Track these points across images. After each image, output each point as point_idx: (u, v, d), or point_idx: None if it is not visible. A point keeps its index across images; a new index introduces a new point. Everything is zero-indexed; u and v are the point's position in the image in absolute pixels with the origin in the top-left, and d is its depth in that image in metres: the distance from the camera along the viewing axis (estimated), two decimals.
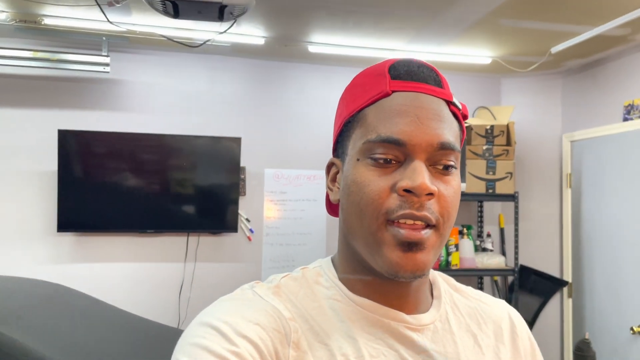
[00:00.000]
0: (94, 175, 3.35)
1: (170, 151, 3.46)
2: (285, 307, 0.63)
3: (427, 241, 0.60)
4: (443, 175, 0.62)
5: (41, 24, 2.98)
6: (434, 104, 0.63)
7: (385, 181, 0.61)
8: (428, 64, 0.68)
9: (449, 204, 0.62)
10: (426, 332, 0.66)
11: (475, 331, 0.71)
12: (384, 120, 0.62)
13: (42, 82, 3.36)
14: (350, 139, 0.66)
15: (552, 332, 3.83)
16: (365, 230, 0.62)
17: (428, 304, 0.71)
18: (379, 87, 0.64)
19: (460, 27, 2.95)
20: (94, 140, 3.32)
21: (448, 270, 3.43)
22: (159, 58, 3.52)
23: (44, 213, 3.33)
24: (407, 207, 0.59)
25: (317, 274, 0.70)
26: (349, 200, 0.64)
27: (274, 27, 3.05)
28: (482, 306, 0.75)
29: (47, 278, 3.22)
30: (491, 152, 3.49)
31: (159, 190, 3.46)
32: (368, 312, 0.65)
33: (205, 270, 3.56)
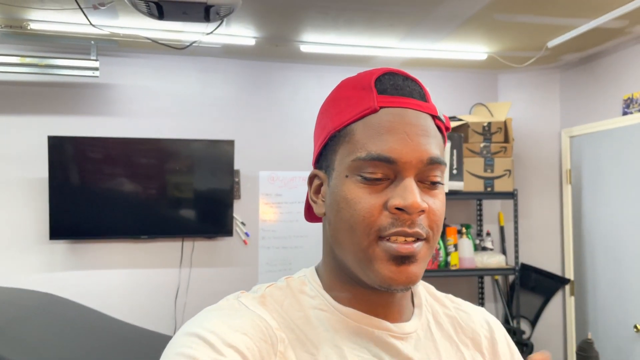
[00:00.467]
0: (85, 182, 3.30)
1: (163, 155, 3.41)
2: (272, 317, 0.64)
3: (419, 254, 0.62)
4: (431, 189, 0.64)
5: (27, 29, 2.93)
6: (421, 120, 0.64)
7: (377, 199, 0.62)
8: (412, 76, 0.68)
9: (438, 218, 0.64)
10: (409, 340, 0.67)
11: (456, 339, 0.72)
12: (373, 138, 0.62)
13: (30, 88, 3.31)
14: (337, 153, 0.66)
15: (555, 331, 3.77)
16: (355, 246, 0.63)
17: (410, 312, 0.72)
18: (365, 103, 0.64)
19: (453, 23, 2.90)
20: (85, 145, 3.27)
21: (447, 271, 3.37)
22: (149, 61, 3.47)
23: (35, 221, 3.28)
24: (399, 224, 0.61)
25: (302, 283, 0.70)
26: (338, 216, 0.64)
27: (264, 27, 3.00)
28: (460, 314, 0.76)
29: (40, 287, 3.18)
30: (489, 149, 3.43)
31: (153, 195, 3.41)
32: (353, 321, 0.66)
33: (201, 275, 3.51)
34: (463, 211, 3.88)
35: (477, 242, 3.70)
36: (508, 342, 0.78)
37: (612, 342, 3.24)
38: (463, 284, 3.87)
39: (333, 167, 0.67)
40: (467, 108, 3.86)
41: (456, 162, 3.32)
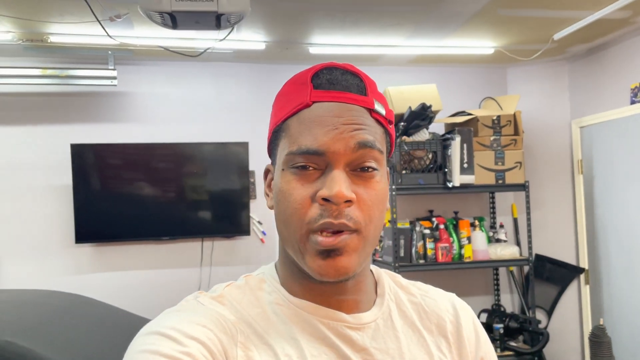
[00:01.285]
0: (107, 187, 3.43)
1: (181, 159, 3.53)
2: (230, 312, 0.65)
3: (347, 246, 0.62)
4: (364, 178, 0.64)
5: (47, 42, 3.06)
6: (353, 112, 0.64)
7: (307, 190, 0.63)
8: (354, 69, 0.68)
9: (370, 207, 0.64)
10: (367, 331, 0.68)
11: (419, 326, 0.73)
12: (304, 132, 0.64)
13: (52, 98, 3.45)
14: (278, 148, 0.68)
15: (571, 320, 3.81)
16: (292, 238, 0.64)
17: (370, 302, 0.72)
18: (300, 98, 0.65)
19: (459, 19, 2.95)
20: (106, 152, 3.40)
21: (461, 263, 3.43)
22: (164, 68, 3.59)
23: (61, 226, 3.42)
24: (326, 216, 0.61)
25: (260, 280, 0.71)
26: (277, 208, 0.66)
27: (273, 31, 3.09)
28: (427, 300, 0.76)
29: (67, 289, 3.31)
30: (499, 142, 3.47)
31: (172, 197, 3.53)
32: (308, 314, 0.67)
33: (221, 274, 3.62)
34: (476, 204, 3.93)
35: (490, 234, 3.74)
36: (475, 327, 0.78)
37: (627, 328, 3.27)
38: (478, 276, 3.92)
39: (276, 161, 0.69)
40: (477, 102, 3.91)
41: (467, 155, 3.37)
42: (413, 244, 3.40)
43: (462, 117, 3.52)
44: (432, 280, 0.85)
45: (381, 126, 0.67)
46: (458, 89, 3.92)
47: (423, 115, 3.31)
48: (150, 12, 2.13)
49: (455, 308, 0.77)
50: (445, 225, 3.48)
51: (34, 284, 3.34)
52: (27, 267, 3.40)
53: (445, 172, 3.37)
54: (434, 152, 3.39)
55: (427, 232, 3.43)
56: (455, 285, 3.55)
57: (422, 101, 3.32)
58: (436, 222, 3.48)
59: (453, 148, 3.32)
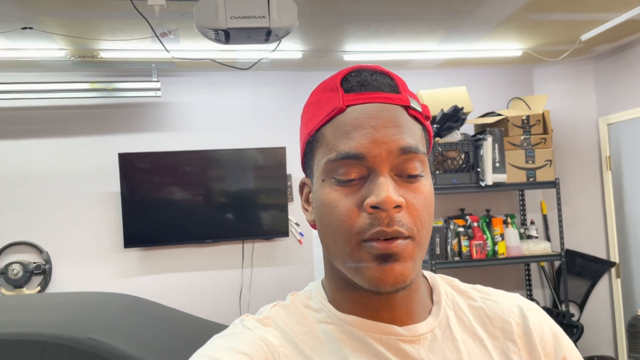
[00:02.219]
0: (153, 193, 3.59)
1: (221, 165, 3.69)
2: (274, 335, 0.64)
3: (403, 252, 0.59)
4: (411, 183, 0.62)
5: (98, 57, 3.23)
6: (389, 112, 0.62)
7: (352, 200, 0.61)
8: (382, 69, 0.66)
9: (421, 212, 0.61)
10: (422, 343, 0.64)
11: (481, 333, 0.69)
12: (341, 137, 0.61)
13: (100, 110, 3.62)
14: (314, 159, 0.66)
15: (603, 313, 3.89)
16: (341, 251, 0.62)
17: (426, 311, 0.69)
18: (333, 104, 0.63)
19: (489, 25, 3.07)
20: (151, 160, 3.57)
21: (495, 260, 3.53)
22: (203, 78, 3.75)
23: (110, 231, 3.59)
24: (377, 224, 0.59)
25: (307, 297, 0.70)
26: (321, 222, 0.64)
27: (310, 41, 3.23)
28: (488, 304, 0.72)
29: (117, 291, 3.48)
30: (529, 141, 3.58)
31: (213, 202, 3.69)
32: (358, 330, 0.64)
33: (262, 274, 3.76)
34: (506, 202, 4.03)
35: (521, 230, 3.84)
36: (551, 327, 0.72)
37: None
38: (510, 272, 4.02)
39: (313, 172, 0.66)
40: (505, 103, 4.01)
41: (498, 155, 3.48)
42: (448, 242, 3.52)
43: (493, 117, 3.63)
44: (467, 277, 0.84)
45: (419, 123, 0.65)
46: (485, 89, 4.02)
47: (455, 117, 3.42)
48: (206, 29, 2.28)
49: (522, 309, 0.72)
50: (478, 223, 3.59)
51: (86, 287, 3.52)
52: (78, 270, 3.58)
53: (477, 172, 3.48)
54: (466, 152, 3.50)
55: (461, 230, 3.54)
56: (488, 281, 3.65)
57: (453, 103, 3.44)
58: (469, 220, 3.59)
59: (485, 148, 3.43)
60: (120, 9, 2.55)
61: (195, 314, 3.42)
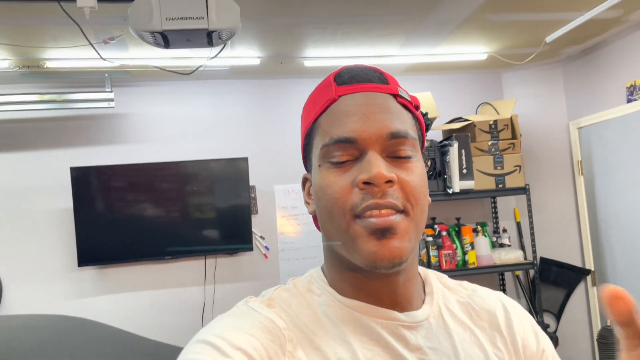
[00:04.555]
0: (108, 208, 3.43)
1: (180, 177, 3.54)
2: (280, 317, 0.64)
3: (399, 226, 0.61)
4: (402, 163, 0.64)
5: (44, 67, 3.09)
6: (379, 99, 0.66)
7: (346, 179, 0.63)
8: (372, 66, 0.71)
9: (414, 189, 0.63)
10: (420, 329, 0.67)
11: (470, 324, 0.71)
12: (335, 124, 0.65)
13: (50, 123, 3.47)
14: (312, 148, 0.70)
15: (580, 323, 3.76)
16: (337, 229, 0.63)
17: (421, 300, 0.71)
18: (327, 96, 0.68)
19: (449, 26, 2.97)
20: (106, 174, 3.41)
21: (466, 270, 3.41)
22: (161, 88, 3.61)
23: (64, 249, 3.42)
24: (370, 197, 0.61)
25: (309, 282, 0.71)
26: (319, 206, 0.67)
27: (267, 47, 3.11)
28: (475, 299, 0.75)
29: (71, 312, 3.31)
30: (497, 147, 3.47)
31: (173, 216, 3.53)
32: (361, 314, 0.65)
33: (225, 290, 3.61)
34: (477, 210, 3.91)
35: (494, 239, 3.72)
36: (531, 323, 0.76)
37: None
38: (484, 282, 3.87)
39: (312, 164, 0.70)
40: (473, 108, 3.91)
41: (465, 161, 3.36)
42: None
43: (459, 123, 3.53)
44: None
45: (408, 111, 0.69)
46: (454, 95, 3.93)
47: None
48: (141, 32, 2.16)
49: (505, 305, 0.76)
50: (447, 232, 3.47)
51: (38, 308, 3.34)
52: (30, 291, 3.40)
53: (445, 179, 3.37)
54: (432, 159, 3.39)
55: (429, 239, 3.42)
56: None
57: None
58: (438, 229, 3.46)
59: (451, 154, 3.32)
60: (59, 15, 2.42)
61: (155, 334, 3.25)
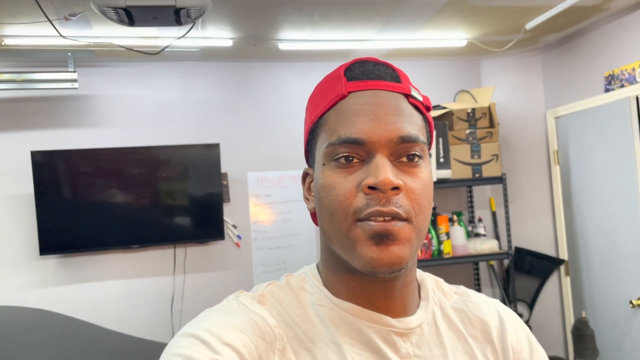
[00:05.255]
0: (72, 194, 3.28)
1: (149, 163, 3.39)
2: (270, 315, 0.63)
3: (400, 233, 0.59)
4: (409, 167, 0.62)
5: (2, 45, 2.91)
6: (391, 99, 0.63)
7: (351, 181, 0.61)
8: (385, 62, 0.68)
9: (419, 197, 0.61)
10: (412, 337, 0.65)
11: (464, 332, 0.70)
12: (343, 122, 0.62)
13: (9, 104, 3.28)
14: (317, 145, 0.67)
15: (553, 312, 3.78)
16: (337, 232, 0.62)
17: (415, 305, 0.69)
18: (336, 91, 0.65)
19: (429, 11, 2.89)
20: (69, 158, 3.25)
21: (441, 260, 3.37)
22: (128, 69, 3.45)
23: (24, 237, 3.26)
24: (374, 204, 0.59)
25: (302, 280, 0.69)
26: (320, 205, 0.64)
27: (240, 27, 2.98)
28: (469, 306, 0.74)
29: (33, 304, 3.16)
30: (474, 135, 3.42)
31: (141, 203, 3.39)
32: (353, 317, 0.64)
33: (196, 280, 3.50)
34: (453, 199, 3.87)
35: (469, 228, 3.69)
36: (527, 335, 0.75)
37: (609, 319, 3.24)
38: (458, 272, 3.86)
39: (315, 160, 0.67)
40: (452, 96, 3.85)
41: (442, 150, 3.31)
42: None
43: (437, 110, 3.46)
44: None
45: (419, 113, 0.66)
46: (432, 82, 3.86)
47: None
48: (103, 8, 2.02)
49: (500, 314, 0.75)
50: None
51: None
52: None
53: None
54: None
55: None
56: None
57: None
58: None
59: None
60: None
61: (122, 325, 3.14)
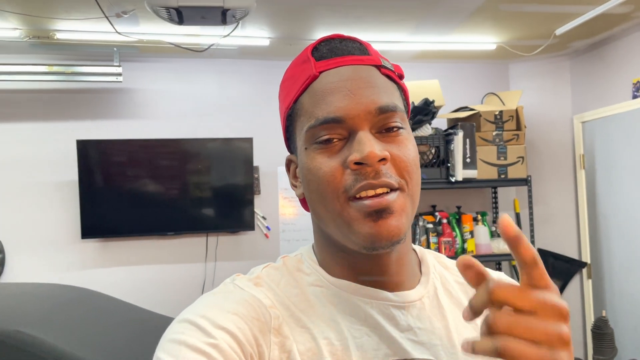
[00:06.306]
0: (113, 182, 3.46)
1: (185, 155, 3.56)
2: (266, 296, 0.64)
3: (395, 204, 0.59)
4: (392, 137, 0.62)
5: (54, 38, 3.09)
6: (362, 73, 0.63)
7: (336, 160, 0.61)
8: (351, 37, 0.67)
9: (407, 164, 0.61)
10: (411, 310, 0.65)
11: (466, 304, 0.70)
12: (319, 103, 0.62)
13: (58, 95, 3.48)
14: (296, 130, 0.67)
15: (573, 314, 3.83)
16: (330, 213, 0.62)
17: (415, 280, 0.69)
18: (306, 73, 0.64)
19: (461, 15, 2.98)
20: (111, 148, 3.43)
21: None
22: (168, 65, 3.61)
23: (68, 221, 3.45)
24: (363, 178, 0.58)
25: (298, 261, 0.70)
26: (309, 189, 0.64)
27: (277, 28, 3.11)
28: None
29: (73, 283, 3.34)
30: (501, 137, 3.50)
31: (177, 193, 3.55)
32: (349, 294, 0.64)
33: (226, 268, 3.65)
34: (478, 199, 3.95)
35: (492, 229, 3.77)
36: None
37: (630, 322, 3.29)
38: None
39: (297, 145, 0.67)
40: (479, 98, 3.93)
41: (469, 150, 3.39)
42: (416, 238, 3.43)
43: (465, 112, 3.54)
44: None
45: (393, 82, 0.66)
46: (460, 84, 3.94)
47: (426, 110, 3.33)
48: (157, 7, 2.16)
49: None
50: (448, 219, 3.51)
51: (41, 278, 3.37)
52: (33, 262, 3.43)
53: (448, 167, 3.40)
54: (436, 147, 3.41)
55: (430, 226, 3.46)
56: None
57: (424, 97, 3.34)
58: (439, 216, 3.50)
59: (456, 143, 3.34)
60: None
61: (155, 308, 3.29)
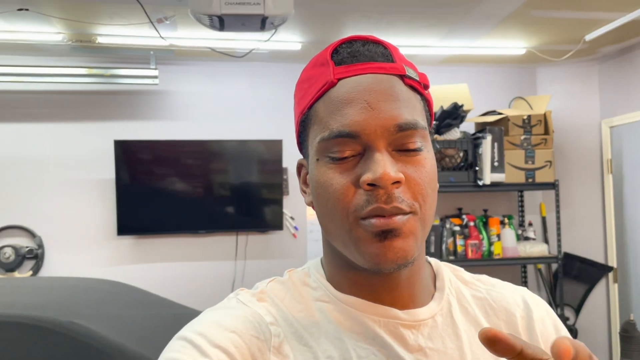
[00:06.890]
0: (148, 181, 3.57)
1: (217, 156, 3.66)
2: (268, 312, 0.61)
3: (404, 227, 0.56)
4: (410, 157, 0.58)
5: (95, 42, 3.20)
6: (384, 83, 0.58)
7: (348, 177, 0.57)
8: (375, 38, 0.62)
9: (422, 187, 0.57)
10: (422, 329, 0.61)
11: (484, 324, 0.66)
12: (334, 114, 0.58)
13: (97, 96, 3.60)
14: (309, 137, 0.62)
15: (599, 318, 3.84)
16: (339, 230, 0.59)
17: (428, 296, 0.65)
18: (324, 78, 0.60)
19: (492, 21, 3.02)
20: (147, 148, 3.55)
21: (491, 260, 3.49)
22: (202, 68, 3.72)
23: (104, 218, 3.57)
24: (374, 201, 0.55)
25: (305, 275, 0.67)
26: (318, 202, 0.61)
27: (310, 32, 3.19)
28: (493, 295, 0.69)
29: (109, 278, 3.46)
30: (529, 141, 3.53)
31: (208, 193, 3.66)
32: (357, 311, 0.61)
33: (255, 266, 3.74)
34: (504, 203, 3.98)
35: (519, 232, 3.79)
36: (555, 323, 0.70)
37: None
38: (506, 273, 3.97)
39: (308, 152, 0.63)
40: (507, 102, 3.96)
41: (497, 154, 3.43)
42: (443, 241, 3.48)
43: (493, 116, 3.58)
44: None
45: (417, 93, 0.61)
46: (488, 88, 3.98)
47: (455, 114, 3.38)
48: (200, 15, 2.25)
49: (527, 302, 0.69)
50: (475, 222, 3.55)
51: (78, 273, 3.50)
52: (71, 256, 3.56)
53: (475, 171, 3.44)
54: (464, 150, 3.45)
55: (457, 229, 3.50)
56: None
57: (453, 100, 3.39)
58: (466, 219, 3.55)
59: (484, 147, 3.38)
60: None
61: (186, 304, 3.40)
